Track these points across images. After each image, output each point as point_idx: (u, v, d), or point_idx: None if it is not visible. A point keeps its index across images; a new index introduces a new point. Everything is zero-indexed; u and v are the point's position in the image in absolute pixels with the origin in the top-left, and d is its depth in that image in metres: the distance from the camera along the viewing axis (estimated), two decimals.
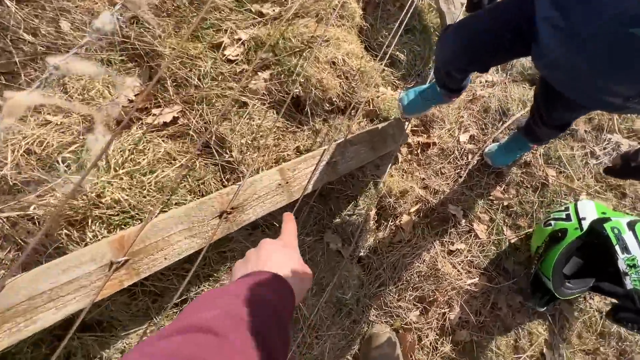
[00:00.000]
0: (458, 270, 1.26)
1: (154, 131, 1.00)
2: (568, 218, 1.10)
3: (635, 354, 1.22)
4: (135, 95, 1.06)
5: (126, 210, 0.85)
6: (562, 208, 1.16)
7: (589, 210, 1.08)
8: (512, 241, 1.32)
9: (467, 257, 1.29)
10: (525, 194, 1.36)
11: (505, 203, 1.36)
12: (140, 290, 0.88)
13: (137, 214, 0.87)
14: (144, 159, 0.93)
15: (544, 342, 1.20)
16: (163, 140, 1.00)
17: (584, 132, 1.44)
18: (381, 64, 1.32)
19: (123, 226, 0.85)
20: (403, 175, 1.37)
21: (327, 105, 1.20)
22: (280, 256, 0.46)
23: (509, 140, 1.33)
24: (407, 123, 1.39)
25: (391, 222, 1.31)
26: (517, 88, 1.51)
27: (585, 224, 1.05)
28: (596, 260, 1.15)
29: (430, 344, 1.19)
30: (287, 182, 0.91)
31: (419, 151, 1.42)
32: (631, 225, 1.00)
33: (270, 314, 0.33)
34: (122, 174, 0.88)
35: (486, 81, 1.53)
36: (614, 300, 1.11)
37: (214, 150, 1.02)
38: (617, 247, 0.97)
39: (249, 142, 1.05)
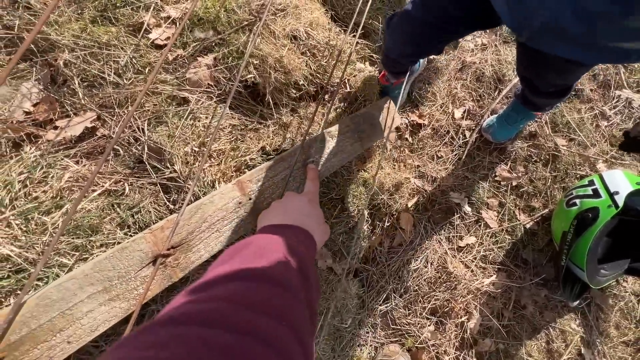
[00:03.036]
0: (472, 270, 1.07)
1: (61, 150, 0.74)
2: (596, 194, 0.92)
3: None
4: (34, 105, 0.79)
5: (22, 268, 0.60)
6: (585, 182, 0.98)
7: (620, 181, 0.90)
8: (528, 226, 1.14)
9: (479, 252, 1.10)
10: (535, 169, 1.18)
11: (514, 183, 1.17)
12: None
13: (39, 272, 0.61)
14: (45, 192, 0.67)
15: (580, 340, 1.03)
16: (76, 161, 0.74)
17: (590, 91, 1.27)
18: (353, 35, 1.08)
19: (19, 292, 0.59)
20: (394, 165, 1.16)
21: (294, 91, 0.96)
22: (306, 211, 0.54)
23: (509, 109, 1.13)
24: (397, 101, 1.17)
25: (387, 222, 1.10)
26: (511, 49, 1.32)
27: (620, 200, 0.87)
28: (628, 237, 0.98)
29: None
30: (249, 199, 0.67)
31: (408, 135, 1.21)
32: None
33: (310, 267, 0.40)
34: (11, 216, 0.62)
35: (475, 46, 1.33)
36: None
37: (148, 166, 0.77)
38: None
39: (195, 149, 0.80)
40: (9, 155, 0.70)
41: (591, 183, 0.96)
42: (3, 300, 0.58)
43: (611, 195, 0.89)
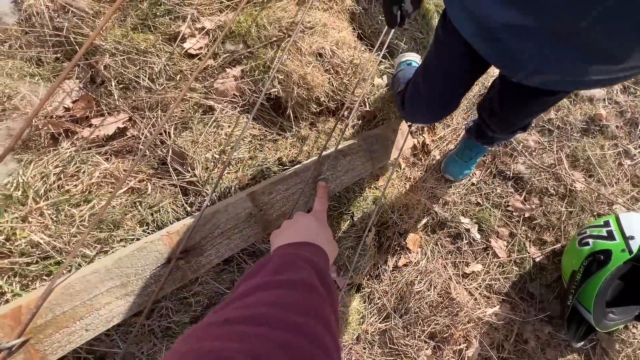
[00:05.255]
0: (475, 298, 1.06)
1: (93, 147, 0.79)
2: (611, 236, 0.90)
3: None
4: (73, 102, 0.85)
5: (49, 255, 0.65)
6: (601, 222, 0.96)
7: (637, 226, 0.89)
8: (537, 260, 1.12)
9: (484, 280, 1.10)
10: (550, 203, 1.16)
11: (527, 214, 1.16)
12: (74, 357, 0.68)
13: (65, 259, 0.66)
14: (76, 185, 0.72)
15: None
16: (106, 159, 0.80)
17: (615, 127, 1.24)
18: (378, 54, 1.11)
19: (45, 277, 0.64)
20: (406, 184, 1.17)
21: (314, 106, 0.99)
22: (316, 230, 0.54)
23: (462, 147, 1.13)
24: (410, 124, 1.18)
25: (395, 241, 1.11)
26: None
27: (635, 245, 0.85)
28: None
29: None
30: (260, 210, 0.70)
31: (423, 156, 1.22)
32: None
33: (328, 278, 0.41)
34: (45, 206, 0.67)
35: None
36: None
37: (170, 169, 0.82)
38: None
39: (216, 155, 0.84)
40: (47, 148, 0.76)
41: (606, 224, 0.94)
42: (30, 283, 0.63)
43: (626, 239, 0.87)
